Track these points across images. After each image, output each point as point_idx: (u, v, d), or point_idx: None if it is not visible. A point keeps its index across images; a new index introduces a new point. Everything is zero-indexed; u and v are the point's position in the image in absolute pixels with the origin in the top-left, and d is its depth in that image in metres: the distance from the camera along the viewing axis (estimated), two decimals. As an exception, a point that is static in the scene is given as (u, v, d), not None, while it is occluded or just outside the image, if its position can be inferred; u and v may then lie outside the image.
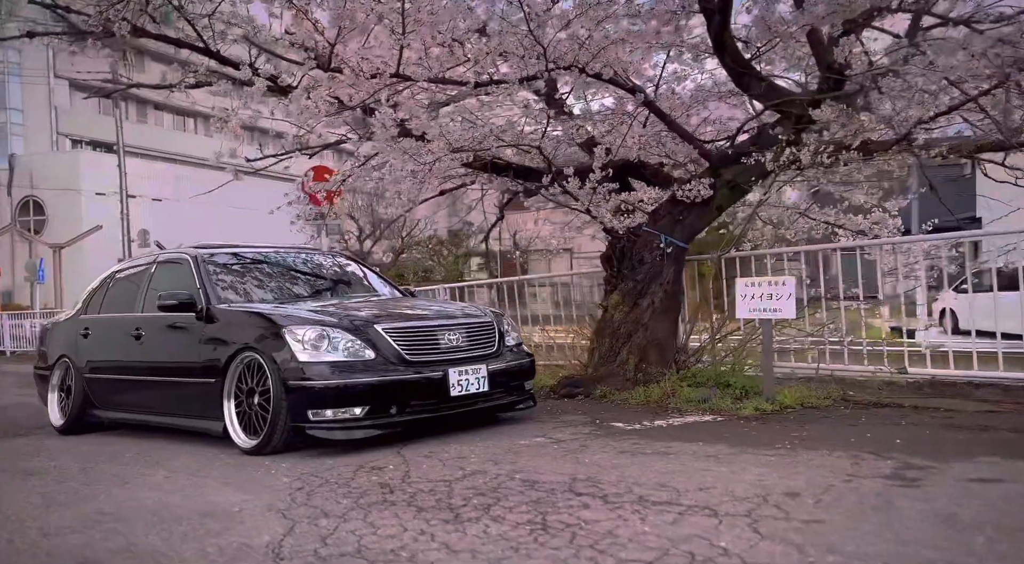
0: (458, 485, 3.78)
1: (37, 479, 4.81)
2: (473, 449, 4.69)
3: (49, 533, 3.45)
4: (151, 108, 44.45)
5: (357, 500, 3.63)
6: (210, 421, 5.41)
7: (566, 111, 7.40)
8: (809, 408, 5.74)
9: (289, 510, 3.55)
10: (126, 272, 6.95)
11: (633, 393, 6.51)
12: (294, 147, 8.05)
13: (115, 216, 32.06)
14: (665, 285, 6.94)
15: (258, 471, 4.50)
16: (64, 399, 6.92)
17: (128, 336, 6.18)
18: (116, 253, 34.62)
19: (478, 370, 5.29)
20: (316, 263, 6.94)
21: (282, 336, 4.98)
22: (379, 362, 4.97)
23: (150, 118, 44.90)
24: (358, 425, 4.82)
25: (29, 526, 3.60)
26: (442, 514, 3.26)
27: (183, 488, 4.22)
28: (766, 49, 6.17)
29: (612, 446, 4.54)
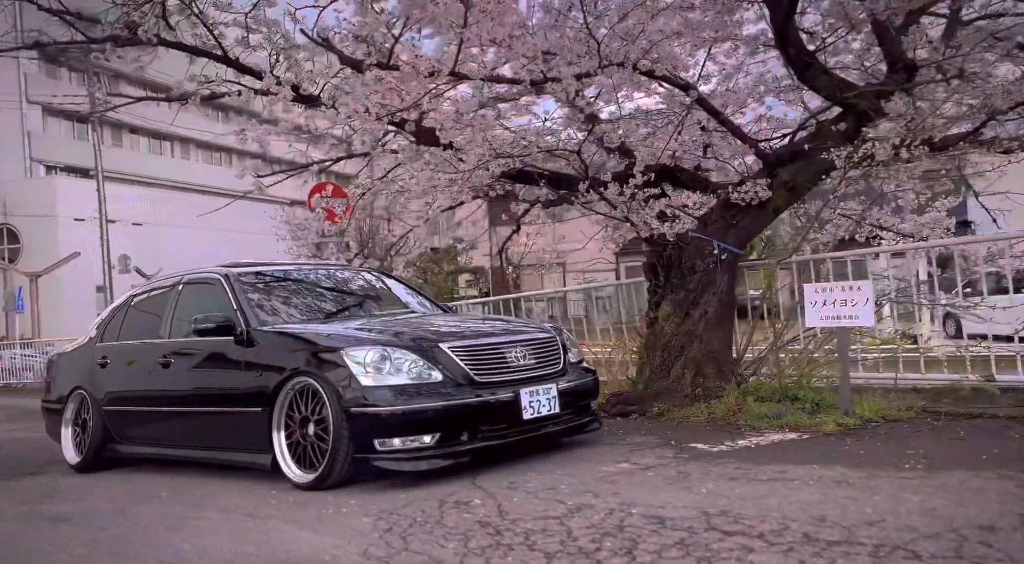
0: (572, 523, 3.34)
1: (71, 526, 4.32)
2: (556, 478, 4.25)
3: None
4: (126, 132, 43.73)
5: (465, 543, 3.19)
6: (255, 454, 4.93)
7: (588, 114, 7.03)
8: (892, 421, 5.38)
9: (392, 558, 3.10)
10: (145, 296, 6.44)
11: (694, 410, 6.12)
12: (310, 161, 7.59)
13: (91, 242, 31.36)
14: (719, 294, 6.57)
15: (326, 509, 4.04)
16: (80, 434, 6.39)
17: (155, 364, 5.68)
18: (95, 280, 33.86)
19: (548, 390, 4.86)
20: (350, 279, 6.49)
21: (340, 359, 4.53)
22: (446, 384, 4.53)
23: (125, 142, 44.16)
24: (429, 454, 4.37)
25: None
26: (582, 562, 2.83)
27: (248, 532, 3.75)
28: (832, 40, 5.84)
29: (714, 472, 4.12)
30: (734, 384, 6.39)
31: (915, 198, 7.04)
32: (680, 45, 6.13)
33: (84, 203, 33.95)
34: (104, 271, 30.29)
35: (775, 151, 6.40)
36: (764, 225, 6.83)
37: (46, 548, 3.83)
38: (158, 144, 45.54)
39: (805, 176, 6.37)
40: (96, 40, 6.60)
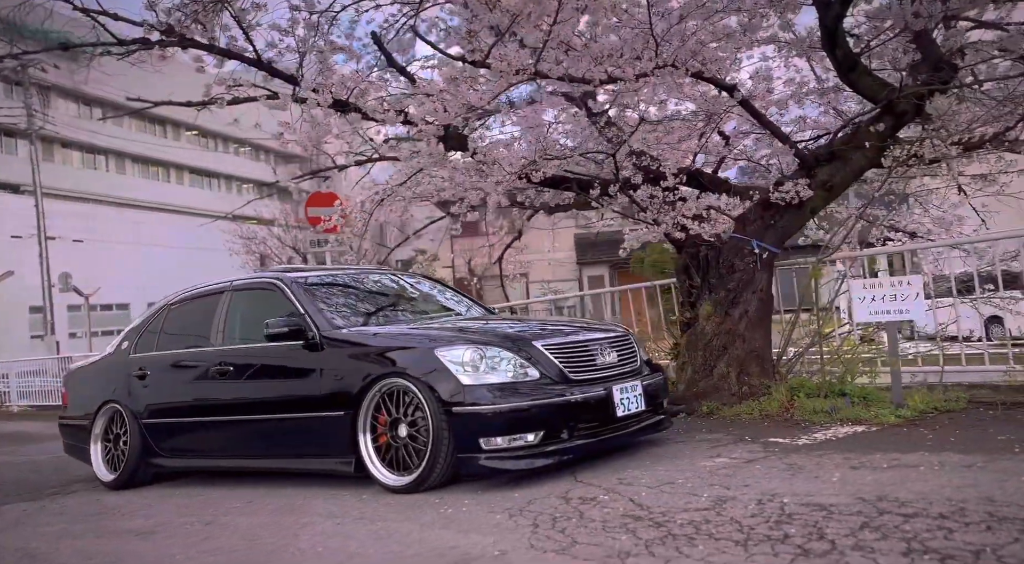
0: (730, 513, 3.33)
1: (163, 538, 4.13)
2: (665, 474, 4.23)
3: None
4: (58, 146, 42.27)
5: (634, 534, 3.15)
6: (334, 459, 4.80)
7: (603, 119, 7.08)
8: (946, 412, 5.51)
9: (567, 550, 3.05)
10: (185, 305, 6.21)
11: (743, 407, 6.17)
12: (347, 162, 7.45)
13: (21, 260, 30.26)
14: (759, 293, 6.66)
15: (443, 509, 3.94)
16: (111, 450, 6.13)
17: (209, 373, 5.49)
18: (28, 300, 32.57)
19: (635, 387, 4.85)
20: (401, 283, 6.39)
21: (435, 359, 4.44)
22: (544, 382, 4.49)
23: (56, 156, 42.69)
24: (533, 452, 4.31)
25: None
26: (782, 548, 2.83)
27: (379, 533, 3.63)
28: (877, 43, 6.00)
29: (826, 462, 4.14)
30: (775, 381, 6.49)
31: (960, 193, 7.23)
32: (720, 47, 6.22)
33: (15, 220, 32.80)
34: (44, 290, 29.19)
35: (813, 152, 6.53)
36: (802, 224, 6.96)
37: (164, 559, 3.65)
38: (92, 158, 44.15)
39: (842, 176, 6.52)
40: (123, 42, 6.38)
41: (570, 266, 26.17)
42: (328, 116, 6.55)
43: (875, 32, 5.92)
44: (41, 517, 5.19)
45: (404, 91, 7.10)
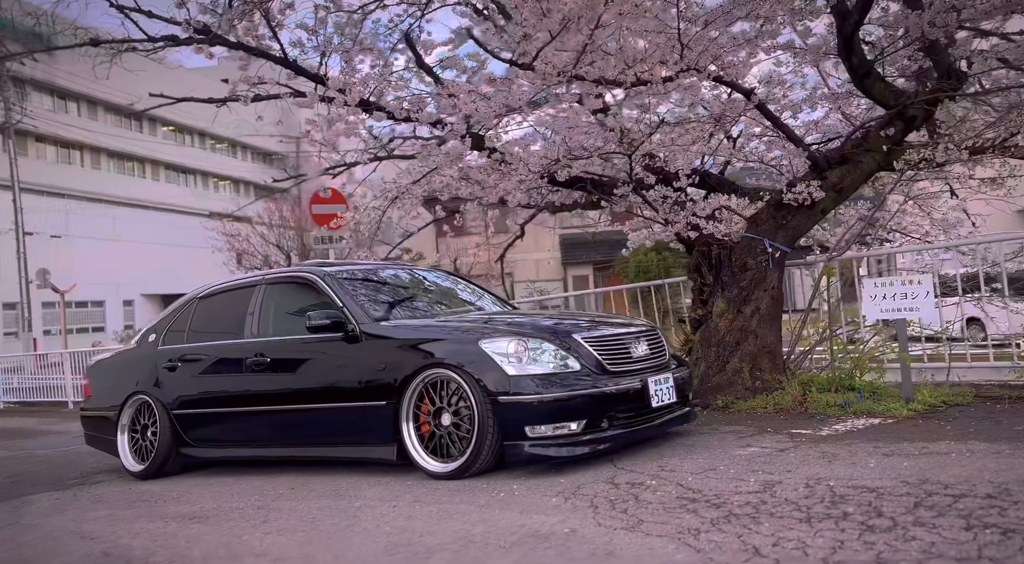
0: (784, 496, 3.52)
1: (219, 522, 4.23)
2: (703, 461, 4.41)
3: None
4: (32, 140, 41.72)
5: (696, 514, 3.33)
6: (376, 447, 4.94)
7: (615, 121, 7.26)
8: (955, 406, 5.76)
9: (636, 528, 3.21)
10: (215, 298, 6.31)
11: (757, 401, 6.38)
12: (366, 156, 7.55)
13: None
14: (771, 291, 6.88)
15: (496, 494, 4.10)
16: (138, 440, 6.20)
17: (245, 364, 5.59)
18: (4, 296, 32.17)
19: (667, 379, 5.04)
20: (424, 277, 6.53)
21: (480, 350, 4.60)
22: (584, 373, 4.65)
23: (31, 151, 42.14)
24: (576, 441, 4.47)
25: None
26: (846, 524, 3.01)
27: (439, 515, 3.77)
28: (891, 51, 6.25)
29: (858, 451, 4.34)
30: (786, 376, 6.71)
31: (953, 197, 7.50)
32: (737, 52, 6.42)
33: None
34: (21, 286, 28.89)
35: (825, 155, 6.76)
36: (812, 225, 7.19)
37: (233, 540, 3.77)
38: (67, 153, 43.61)
39: (852, 178, 6.76)
40: (153, 39, 6.47)
41: (555, 266, 26.37)
42: (355, 114, 6.68)
43: (889, 40, 6.15)
44: (78, 504, 5.27)
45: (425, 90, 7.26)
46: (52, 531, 4.45)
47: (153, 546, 3.83)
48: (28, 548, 4.08)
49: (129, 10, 6.02)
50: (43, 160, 42.22)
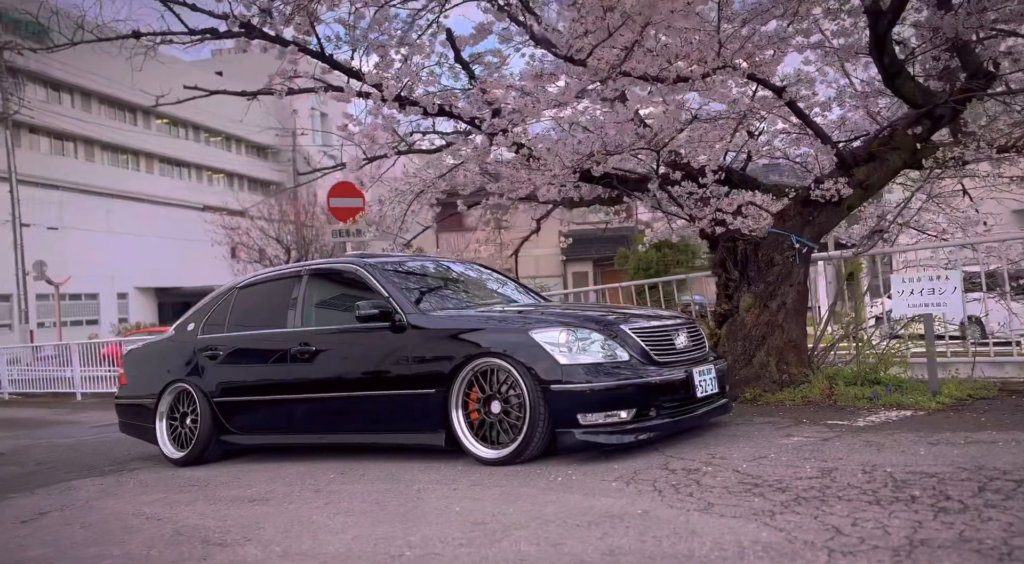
0: (846, 481, 3.64)
1: (281, 504, 4.32)
2: (750, 450, 4.52)
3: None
4: (26, 131, 41.50)
5: (763, 497, 3.44)
6: (425, 434, 5.05)
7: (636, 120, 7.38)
8: (980, 399, 5.90)
9: (709, 509, 3.33)
10: (255, 288, 6.39)
11: (785, 394, 6.51)
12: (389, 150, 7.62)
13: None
14: (797, 286, 7.01)
15: (554, 478, 4.20)
16: (177, 428, 6.28)
17: (290, 353, 5.68)
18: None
19: (709, 371, 5.16)
20: (458, 269, 6.63)
21: (533, 340, 4.70)
22: (633, 364, 4.76)
23: (24, 142, 41.92)
24: (627, 429, 4.58)
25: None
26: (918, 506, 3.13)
27: (506, 496, 3.87)
28: (922, 51, 6.38)
29: (902, 440, 4.46)
30: (811, 370, 6.85)
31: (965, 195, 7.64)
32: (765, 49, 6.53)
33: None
34: (18, 278, 28.77)
35: (852, 152, 6.88)
36: (838, 221, 7.32)
37: (302, 520, 3.86)
38: (60, 145, 43.40)
39: (879, 176, 6.89)
40: (193, 32, 6.53)
41: (555, 262, 26.49)
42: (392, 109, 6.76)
43: (921, 40, 6.28)
44: (126, 489, 5.34)
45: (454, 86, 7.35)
46: (113, 513, 4.52)
47: (223, 525, 3.92)
48: (97, 528, 4.16)
49: (174, 2, 6.07)
50: (36, 151, 42.01)
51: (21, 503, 5.19)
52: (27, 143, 42.17)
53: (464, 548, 3.11)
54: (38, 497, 5.35)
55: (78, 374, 15.04)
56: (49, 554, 3.71)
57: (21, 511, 4.90)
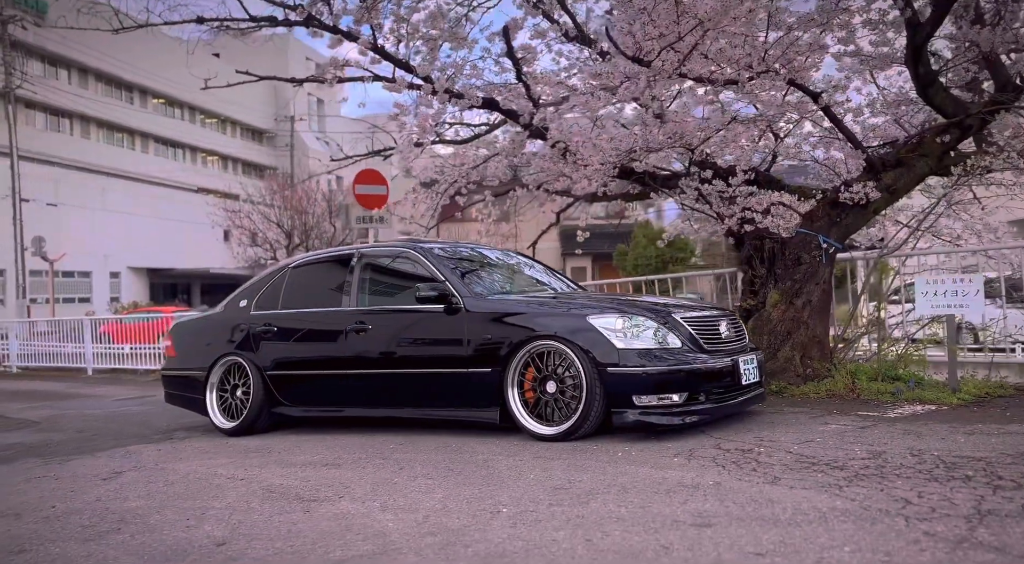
0: (897, 462, 3.93)
1: (355, 469, 4.56)
2: (796, 435, 4.79)
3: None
4: (22, 106, 41.30)
5: (826, 474, 3.73)
6: (480, 410, 5.33)
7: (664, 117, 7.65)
8: (999, 397, 6.21)
9: (778, 481, 3.60)
10: (308, 268, 6.65)
11: (809, 387, 6.80)
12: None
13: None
14: (822, 285, 7.31)
15: (615, 453, 4.46)
16: (227, 399, 6.51)
17: (345, 330, 5.93)
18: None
19: (752, 360, 5.44)
20: (512, 258, 6.89)
21: (590, 324, 4.97)
22: (684, 350, 5.03)
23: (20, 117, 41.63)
24: (678, 411, 4.85)
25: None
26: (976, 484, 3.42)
27: (575, 466, 4.12)
28: (955, 63, 6.67)
29: (937, 430, 4.74)
30: (833, 365, 7.15)
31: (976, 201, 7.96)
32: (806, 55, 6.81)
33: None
34: (16, 253, 28.76)
35: (881, 157, 7.18)
36: (864, 223, 7.61)
37: (385, 482, 4.10)
38: (56, 121, 43.22)
39: (905, 181, 7.19)
40: (255, 19, 6.74)
41: (554, 256, 26.75)
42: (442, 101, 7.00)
43: (954, 51, 6.58)
44: (186, 454, 5.56)
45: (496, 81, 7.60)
46: (190, 473, 4.75)
47: (310, 485, 4.16)
48: (183, 485, 4.39)
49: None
50: (32, 127, 41.85)
51: (88, 464, 5.41)
52: (23, 118, 41.94)
53: (556, 507, 3.37)
54: (100, 460, 5.56)
55: (90, 350, 15.18)
56: (151, 505, 3.95)
57: (94, 470, 5.12)
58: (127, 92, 47.19)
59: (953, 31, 6.52)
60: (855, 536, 2.73)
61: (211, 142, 51.87)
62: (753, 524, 2.95)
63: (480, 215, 12.56)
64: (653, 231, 24.98)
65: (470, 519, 3.30)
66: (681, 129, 6.96)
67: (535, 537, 2.97)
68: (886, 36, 6.45)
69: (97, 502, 4.11)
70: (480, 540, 2.99)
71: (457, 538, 3.03)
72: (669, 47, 5.10)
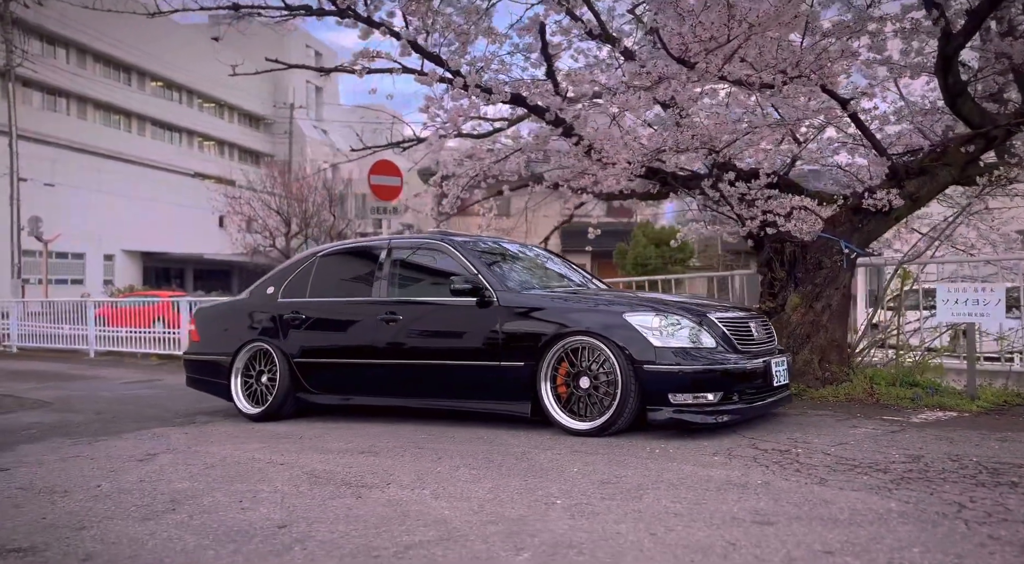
0: (940, 466, 4.00)
1: (393, 457, 4.59)
2: (826, 438, 4.85)
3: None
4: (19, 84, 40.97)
5: (870, 476, 3.78)
6: (511, 403, 5.37)
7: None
8: (1016, 405, 6.28)
9: (827, 480, 3.66)
10: (337, 257, 6.68)
11: (828, 391, 6.87)
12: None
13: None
14: (842, 289, 7.38)
15: (652, 450, 4.51)
16: (251, 385, 6.53)
17: (375, 320, 5.96)
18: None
19: (782, 362, 5.50)
20: (531, 252, 6.92)
21: (627, 322, 5.02)
22: (718, 350, 5.08)
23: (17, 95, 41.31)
24: (713, 410, 4.90)
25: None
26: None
27: (616, 461, 4.17)
28: (985, 74, 6.74)
29: (970, 437, 4.79)
30: (852, 369, 7.23)
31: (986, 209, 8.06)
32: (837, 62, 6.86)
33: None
34: (13, 233, 28.59)
35: (904, 164, 7.25)
36: (885, 230, 7.68)
37: (429, 471, 4.14)
38: (53, 100, 42.94)
39: (928, 189, 7.26)
40: (292, 8, 6.74)
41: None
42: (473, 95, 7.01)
43: (983, 62, 6.65)
44: (216, 438, 5.57)
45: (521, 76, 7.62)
46: (228, 457, 4.77)
47: (354, 472, 4.19)
48: (223, 469, 4.40)
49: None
50: (29, 105, 41.52)
51: (118, 445, 5.42)
52: (20, 97, 41.62)
53: (609, 501, 3.42)
54: (128, 441, 5.57)
55: (93, 332, 15.14)
56: (198, 486, 3.97)
57: (126, 451, 5.13)
58: (125, 73, 46.94)
59: (979, 42, 6.57)
60: (920, 538, 2.78)
61: (208, 127, 51.68)
62: (814, 523, 3.00)
63: (481, 209, 12.61)
64: (653, 231, 25.13)
65: (526, 509, 3.34)
66: (710, 132, 7.01)
67: (597, 529, 3.02)
68: (914, 45, 6.50)
69: (142, 483, 4.12)
70: (543, 530, 3.03)
71: (519, 527, 3.07)
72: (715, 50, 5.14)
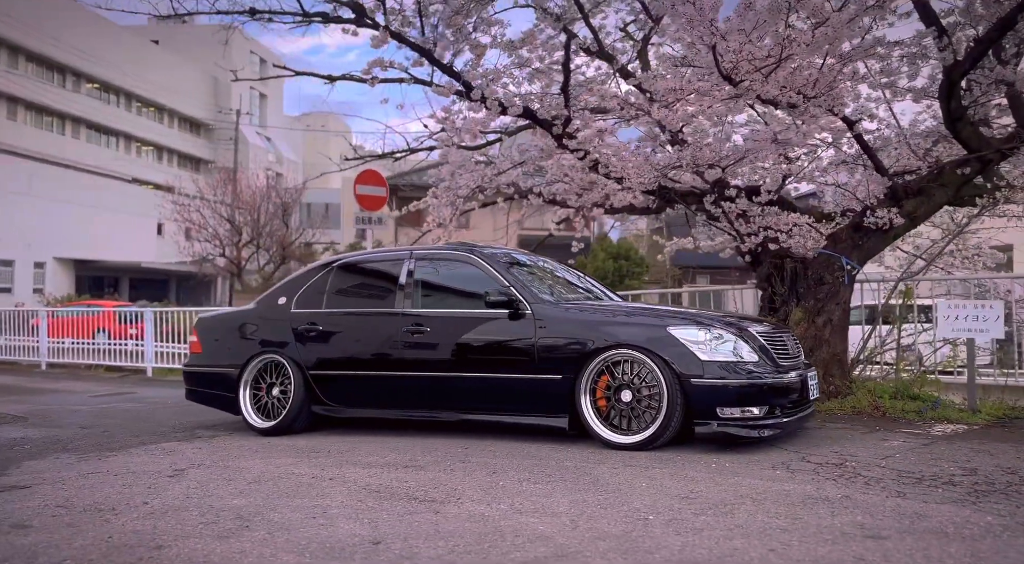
0: (1004, 479, 4.07)
1: (435, 473, 4.47)
2: (868, 451, 4.90)
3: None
4: (-55, 86, 39.44)
5: (934, 487, 3.83)
6: (549, 416, 5.31)
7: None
8: (1016, 418, 6.47)
9: (902, 495, 3.68)
10: (355, 267, 6.52)
11: (833, 404, 6.97)
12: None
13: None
14: (843, 304, 7.52)
15: (708, 464, 4.49)
16: (260, 398, 6.32)
17: (401, 332, 5.83)
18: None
19: (815, 375, 5.56)
20: (546, 264, 6.86)
21: (671, 335, 5.01)
22: (760, 364, 5.10)
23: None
24: (758, 424, 4.91)
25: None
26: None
27: (679, 476, 4.13)
28: (985, 100, 6.97)
29: (1005, 449, 4.89)
30: (853, 383, 7.36)
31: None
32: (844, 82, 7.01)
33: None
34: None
35: (903, 185, 7.43)
36: (883, 247, 7.87)
37: (480, 484, 4.04)
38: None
39: (925, 208, 7.47)
40: (308, 14, 6.61)
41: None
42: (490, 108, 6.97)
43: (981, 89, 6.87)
44: (235, 453, 5.34)
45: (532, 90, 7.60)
46: (266, 473, 4.56)
47: (414, 486, 4.06)
48: (270, 485, 4.22)
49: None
50: (-42, 108, 39.95)
51: (134, 461, 5.16)
52: (-52, 100, 40.13)
53: (702, 517, 3.38)
54: (140, 457, 5.31)
55: (45, 344, 14.52)
56: (256, 503, 3.79)
57: (145, 467, 4.89)
58: (59, 74, 45.45)
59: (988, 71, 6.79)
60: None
61: (147, 131, 50.35)
62: (926, 537, 3.01)
63: (437, 219, 12.49)
64: (612, 246, 25.31)
65: (625, 525, 3.27)
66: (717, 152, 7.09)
67: (711, 545, 2.97)
68: (924, 71, 6.69)
69: (189, 500, 3.93)
70: (657, 547, 2.97)
71: (630, 544, 3.01)
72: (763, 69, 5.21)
